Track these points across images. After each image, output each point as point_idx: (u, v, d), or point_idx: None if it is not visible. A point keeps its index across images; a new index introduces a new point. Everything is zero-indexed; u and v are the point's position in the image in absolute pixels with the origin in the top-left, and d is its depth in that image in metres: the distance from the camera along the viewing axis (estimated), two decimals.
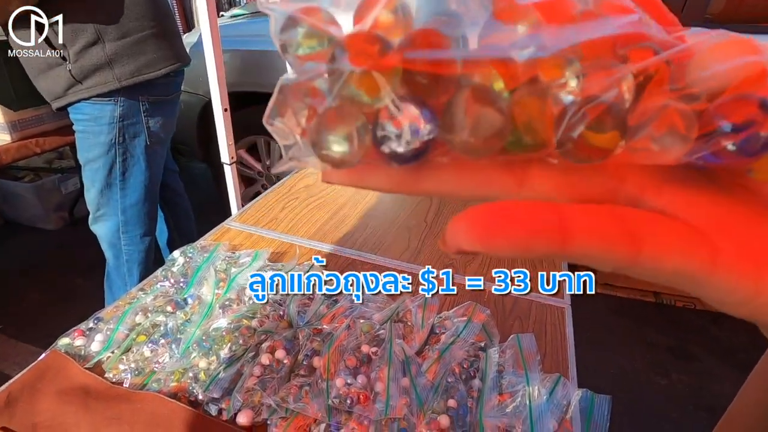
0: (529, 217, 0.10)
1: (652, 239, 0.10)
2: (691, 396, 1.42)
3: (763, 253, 0.10)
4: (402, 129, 0.10)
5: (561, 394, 0.51)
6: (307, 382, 0.50)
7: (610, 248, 0.10)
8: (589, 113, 0.10)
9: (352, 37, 0.10)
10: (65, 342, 0.55)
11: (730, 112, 0.10)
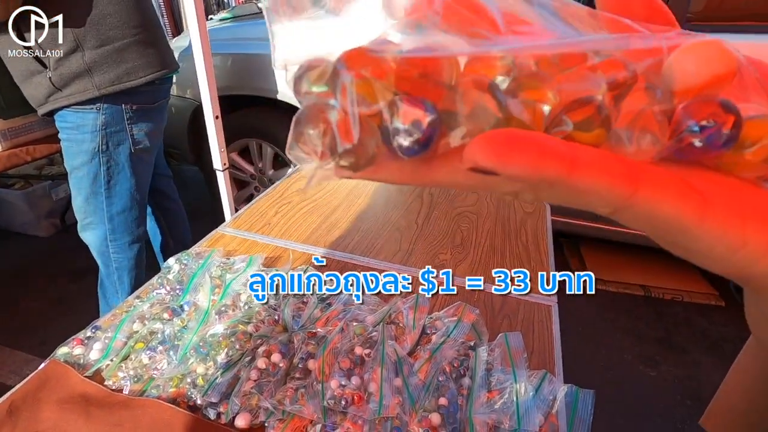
0: (544, 142, 0.10)
1: (650, 181, 0.11)
2: (678, 386, 1.46)
3: (749, 208, 0.11)
4: (406, 124, 0.11)
5: (547, 389, 0.53)
6: (303, 385, 0.51)
7: (610, 183, 0.11)
8: (577, 114, 0.11)
9: (348, 53, 0.12)
10: (64, 351, 0.56)
11: (696, 113, 0.11)
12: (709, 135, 0.11)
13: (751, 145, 0.11)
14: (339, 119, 0.12)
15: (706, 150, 0.11)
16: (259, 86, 1.89)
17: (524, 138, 0.10)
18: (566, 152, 0.10)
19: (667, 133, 0.11)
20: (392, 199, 1.03)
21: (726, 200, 0.11)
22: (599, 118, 0.11)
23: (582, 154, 0.11)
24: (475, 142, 0.11)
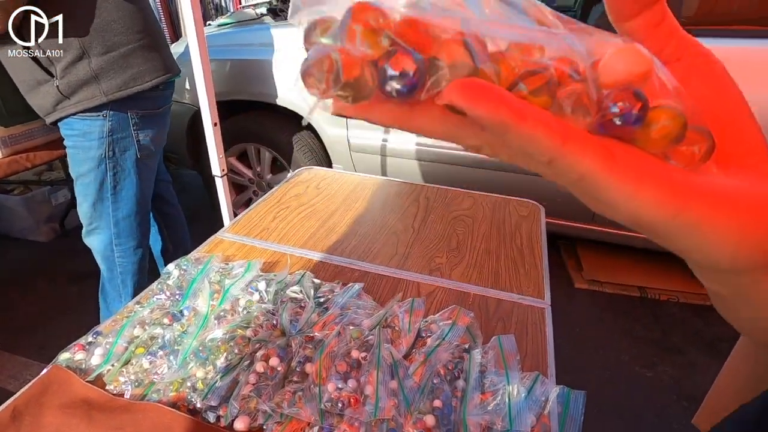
0: (503, 94, 0.13)
1: (576, 138, 0.14)
2: (675, 387, 1.47)
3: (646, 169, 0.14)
4: (397, 70, 0.14)
5: (539, 391, 0.54)
6: (300, 388, 0.53)
7: (548, 133, 0.13)
8: (531, 82, 0.14)
9: (356, 6, 0.14)
10: (66, 357, 0.57)
11: (616, 98, 0.14)
12: (624, 114, 0.14)
13: (655, 125, 0.14)
14: (343, 58, 0.14)
15: (622, 125, 0.14)
16: (257, 91, 1.91)
17: (489, 88, 0.13)
18: (518, 104, 0.13)
19: (595, 110, 0.14)
20: (389, 203, 1.04)
21: (630, 162, 0.14)
22: (547, 88, 0.14)
23: (529, 108, 0.14)
24: (452, 85, 0.13)
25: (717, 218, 0.15)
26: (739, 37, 1.43)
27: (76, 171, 1.17)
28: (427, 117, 0.16)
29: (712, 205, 0.15)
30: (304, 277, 0.71)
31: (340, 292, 0.69)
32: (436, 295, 0.73)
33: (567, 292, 1.90)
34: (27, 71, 1.04)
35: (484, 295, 0.73)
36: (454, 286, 0.75)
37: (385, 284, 0.75)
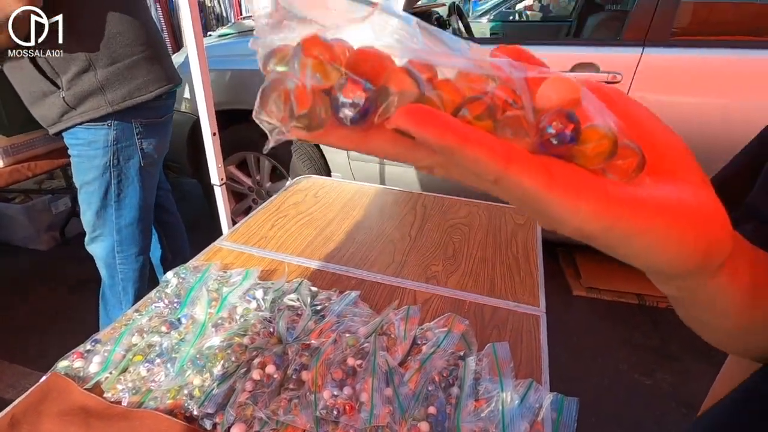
0: (448, 119, 0.15)
1: (519, 159, 0.15)
2: (673, 394, 1.47)
3: (584, 185, 0.16)
4: (349, 98, 0.15)
5: (533, 398, 0.55)
6: (296, 395, 0.53)
7: (491, 155, 0.15)
8: (474, 108, 0.15)
9: (306, 40, 0.15)
10: (64, 364, 0.58)
11: (551, 120, 0.15)
12: (559, 134, 0.15)
13: (589, 143, 0.16)
14: (297, 90, 0.15)
15: (558, 144, 0.16)
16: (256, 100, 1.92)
17: (434, 114, 0.14)
18: (462, 128, 0.15)
19: (533, 132, 0.16)
20: (386, 211, 1.05)
21: (567, 178, 0.15)
22: (489, 112, 0.16)
23: (473, 131, 0.15)
24: (400, 111, 0.15)
25: (651, 226, 0.16)
26: (733, 48, 1.45)
27: (80, 179, 1.18)
28: (380, 140, 0.17)
29: (646, 214, 0.16)
30: (301, 285, 0.72)
31: (336, 300, 0.70)
32: (432, 302, 0.74)
33: (565, 299, 1.90)
34: (33, 83, 1.05)
35: (479, 302, 0.74)
36: (449, 293, 0.76)
37: (382, 292, 0.76)
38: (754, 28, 1.55)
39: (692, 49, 1.44)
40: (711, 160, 0.51)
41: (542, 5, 5.03)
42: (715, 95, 1.45)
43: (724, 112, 1.43)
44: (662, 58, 1.45)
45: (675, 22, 1.46)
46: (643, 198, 0.16)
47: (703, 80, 1.45)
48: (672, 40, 1.47)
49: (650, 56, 1.44)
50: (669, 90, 1.47)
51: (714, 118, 1.43)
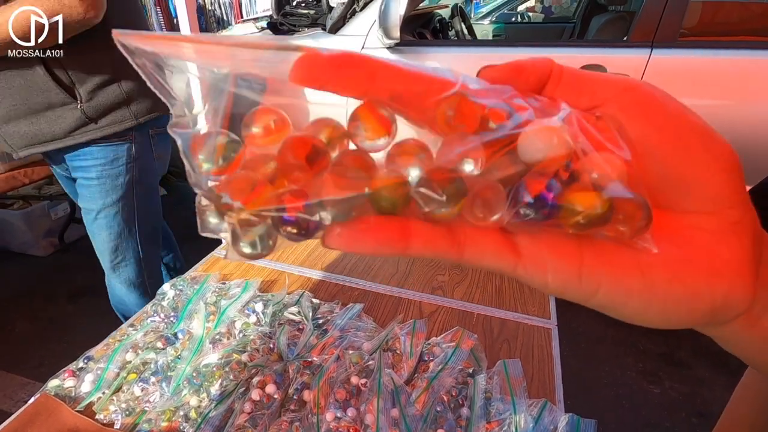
0: (381, 230, 0.14)
1: (472, 246, 0.15)
2: (684, 403, 1.43)
3: (552, 258, 0.15)
4: (290, 232, 0.13)
5: (548, 419, 0.52)
6: (298, 417, 0.50)
7: (438, 252, 0.14)
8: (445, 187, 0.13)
9: (228, 184, 0.13)
10: (55, 384, 0.55)
11: (528, 188, 0.13)
12: (535, 206, 0.13)
13: (573, 212, 0.13)
14: (237, 226, 0.13)
15: (535, 218, 0.14)
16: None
17: (365, 229, 0.14)
18: (400, 235, 0.14)
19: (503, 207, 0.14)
20: None
21: (536, 255, 0.15)
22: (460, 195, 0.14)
23: (415, 233, 0.14)
24: (328, 234, 0.14)
25: (629, 300, 0.15)
26: (738, 48, 1.42)
27: (98, 203, 1.06)
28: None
29: (625, 287, 0.15)
30: (302, 298, 0.69)
31: (339, 313, 0.67)
32: (438, 314, 0.71)
33: (571, 307, 1.86)
34: (40, 92, 0.93)
35: (487, 314, 0.71)
36: (456, 305, 0.73)
37: (386, 304, 0.73)
38: (764, 28, 1.52)
39: (702, 50, 1.42)
40: None
41: (544, 6, 5.01)
42: (726, 97, 1.42)
43: (736, 113, 1.40)
44: (671, 59, 1.42)
45: (684, 22, 1.43)
46: (626, 267, 0.15)
47: (714, 81, 1.42)
48: (681, 41, 1.44)
49: (659, 58, 1.41)
50: (679, 92, 1.43)
51: (725, 119, 1.40)
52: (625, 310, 0.15)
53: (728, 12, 1.59)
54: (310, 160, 0.13)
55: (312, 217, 0.13)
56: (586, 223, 0.13)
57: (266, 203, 0.13)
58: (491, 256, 0.15)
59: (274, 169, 0.14)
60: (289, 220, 0.13)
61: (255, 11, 4.68)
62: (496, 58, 1.66)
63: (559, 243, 0.15)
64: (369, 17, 1.72)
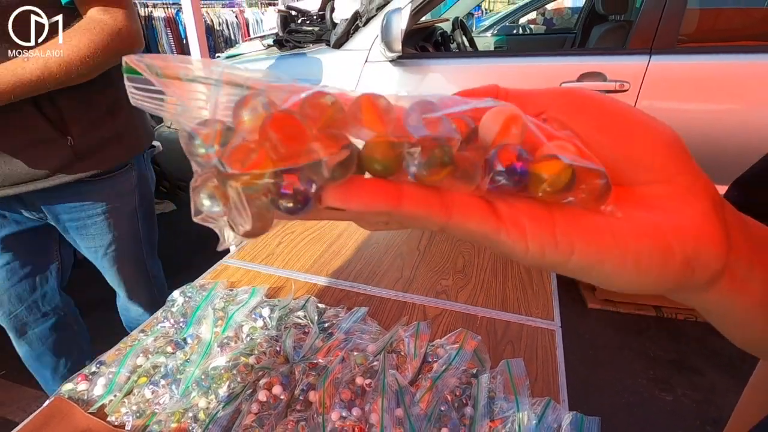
0: (376, 187, 0.15)
1: (459, 209, 0.15)
2: (697, 411, 1.41)
3: (531, 223, 0.16)
4: (287, 203, 0.14)
5: (551, 417, 0.52)
6: (303, 417, 0.51)
7: (429, 211, 0.15)
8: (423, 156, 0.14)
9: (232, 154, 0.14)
10: (69, 387, 0.57)
11: (499, 158, 0.15)
12: (507, 172, 0.15)
13: (542, 178, 0.15)
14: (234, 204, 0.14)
15: (508, 184, 0.15)
16: None
17: (360, 185, 0.15)
18: (394, 192, 0.15)
19: (480, 174, 0.15)
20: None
21: (514, 218, 0.16)
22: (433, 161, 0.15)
23: (407, 192, 0.15)
24: (327, 191, 0.15)
25: (605, 257, 0.16)
26: (740, 53, 1.43)
27: (106, 239, 1.01)
28: (328, 213, 0.17)
29: (598, 245, 0.16)
30: (308, 303, 0.71)
31: (344, 317, 0.68)
32: (442, 318, 0.72)
33: (580, 312, 1.85)
34: (24, 131, 0.82)
35: (491, 317, 0.72)
36: (460, 308, 0.74)
37: (391, 308, 0.74)
38: (760, 33, 1.53)
39: (699, 55, 1.43)
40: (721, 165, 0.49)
41: (546, 19, 5.08)
42: (723, 101, 1.43)
43: (733, 117, 1.40)
44: (670, 65, 1.44)
45: (681, 29, 1.45)
46: (596, 227, 0.16)
47: (712, 86, 1.43)
48: (679, 47, 1.46)
49: (657, 64, 1.42)
50: (678, 97, 1.45)
51: (723, 123, 1.41)
52: (602, 269, 0.16)
53: (724, 18, 1.61)
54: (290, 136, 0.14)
55: (307, 186, 0.14)
56: (552, 189, 0.15)
57: (264, 168, 0.14)
58: (477, 220, 0.16)
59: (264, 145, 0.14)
60: (286, 193, 0.14)
61: (262, 30, 4.80)
62: (498, 68, 1.69)
63: (533, 209, 0.16)
64: (371, 32, 1.76)
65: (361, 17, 1.84)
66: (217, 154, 0.14)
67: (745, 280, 0.18)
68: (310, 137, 0.14)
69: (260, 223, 0.15)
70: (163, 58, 0.15)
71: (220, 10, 4.75)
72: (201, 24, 1.26)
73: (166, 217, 2.79)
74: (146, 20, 4.13)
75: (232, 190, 0.14)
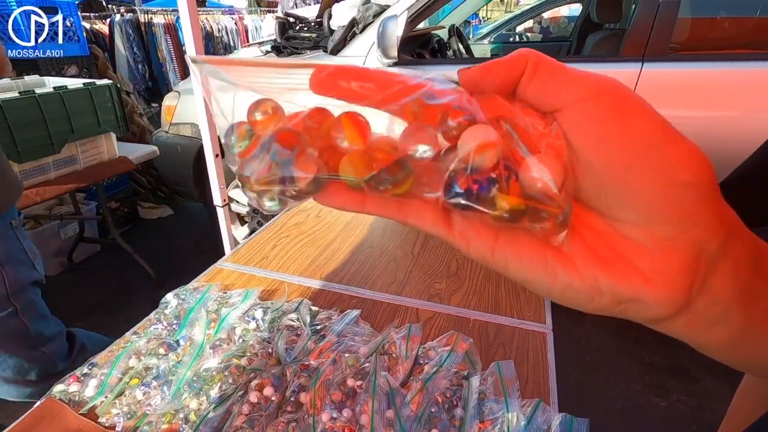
0: (347, 194, 0.18)
1: (414, 215, 0.19)
2: (692, 417, 1.41)
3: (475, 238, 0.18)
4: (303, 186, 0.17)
5: (541, 418, 0.52)
6: (294, 418, 0.51)
7: (388, 214, 0.19)
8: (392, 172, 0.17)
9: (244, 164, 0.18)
10: (60, 389, 0.57)
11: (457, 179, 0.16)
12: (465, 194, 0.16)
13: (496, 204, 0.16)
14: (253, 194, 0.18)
15: (463, 205, 0.16)
16: None
17: (337, 192, 0.18)
18: (360, 198, 0.18)
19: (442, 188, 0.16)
20: (389, 229, 1.04)
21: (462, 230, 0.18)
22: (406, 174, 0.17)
23: (369, 198, 0.18)
24: (317, 196, 0.18)
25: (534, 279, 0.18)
26: (729, 60, 1.45)
27: None
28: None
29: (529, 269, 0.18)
30: (301, 305, 0.71)
31: (337, 320, 0.68)
32: (435, 321, 0.72)
33: (575, 318, 1.86)
34: None
35: (483, 320, 0.72)
36: (453, 311, 0.74)
37: (384, 311, 0.74)
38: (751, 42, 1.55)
39: (690, 63, 1.46)
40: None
41: (542, 27, 5.13)
42: (714, 108, 1.45)
43: (724, 123, 1.42)
44: (661, 72, 1.46)
45: (673, 37, 1.47)
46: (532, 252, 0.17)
47: (703, 93, 1.45)
48: (670, 54, 1.48)
49: (649, 71, 1.44)
50: (669, 103, 1.47)
51: (714, 129, 1.43)
52: (532, 287, 0.18)
53: (716, 27, 1.63)
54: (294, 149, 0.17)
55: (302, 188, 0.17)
56: (503, 218, 0.16)
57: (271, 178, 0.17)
58: (429, 225, 0.19)
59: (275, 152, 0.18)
60: (286, 189, 0.18)
61: (260, 36, 4.83)
62: None
63: (482, 225, 0.18)
64: (368, 39, 1.78)
65: (358, 24, 1.86)
66: (239, 156, 0.18)
67: (714, 322, 0.17)
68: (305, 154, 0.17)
69: (277, 205, 0.18)
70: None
71: (219, 17, 4.79)
72: (198, 29, 1.27)
73: (163, 221, 2.79)
74: (146, 26, 4.16)
75: (247, 189, 0.18)
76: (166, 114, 2.18)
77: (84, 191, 2.27)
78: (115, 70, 3.48)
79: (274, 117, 0.18)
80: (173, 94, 2.18)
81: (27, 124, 1.27)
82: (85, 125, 1.57)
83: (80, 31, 2.27)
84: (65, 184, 1.49)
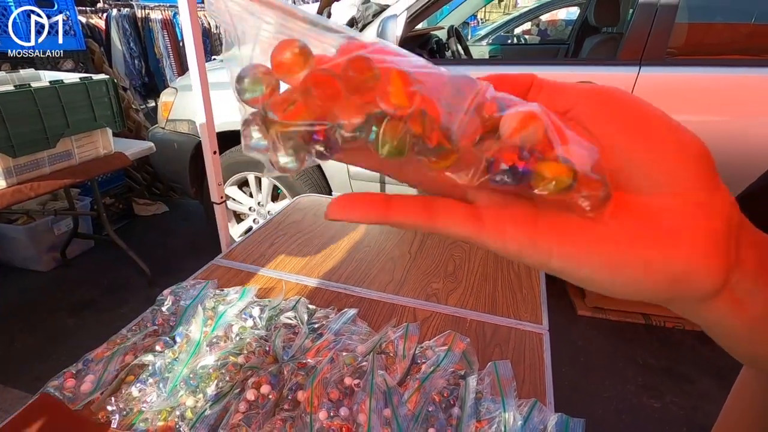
0: (367, 200, 0.17)
1: (442, 215, 0.17)
2: (685, 418, 1.42)
3: (512, 227, 0.17)
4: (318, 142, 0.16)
5: (537, 418, 0.53)
6: (291, 416, 0.51)
7: (414, 219, 0.17)
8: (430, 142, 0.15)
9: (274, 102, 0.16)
10: (56, 384, 0.56)
11: (503, 157, 0.15)
12: (510, 172, 0.15)
13: (540, 180, 0.15)
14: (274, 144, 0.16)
15: (510, 183, 0.15)
16: None
17: (356, 199, 0.17)
18: (384, 204, 0.17)
19: (483, 170, 0.16)
20: (387, 229, 1.04)
21: (496, 223, 0.17)
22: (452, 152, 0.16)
23: (395, 203, 0.17)
24: (329, 206, 0.17)
25: (583, 263, 0.16)
26: (726, 66, 1.47)
27: None
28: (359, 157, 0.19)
29: (577, 253, 0.16)
30: (298, 303, 0.71)
31: (334, 318, 0.68)
32: (432, 320, 0.72)
33: (570, 319, 1.86)
34: None
35: (480, 320, 0.72)
36: (450, 311, 0.75)
37: (381, 310, 0.74)
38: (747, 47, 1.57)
39: (687, 68, 1.47)
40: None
41: (540, 30, 5.15)
42: (710, 112, 1.47)
43: (720, 127, 1.44)
44: (658, 76, 1.47)
45: (670, 42, 1.48)
46: (577, 234, 0.16)
47: (699, 97, 1.46)
48: (667, 59, 1.49)
49: (647, 75, 1.45)
50: (666, 107, 1.46)
51: (710, 133, 1.44)
52: (579, 274, 0.17)
53: (713, 32, 1.65)
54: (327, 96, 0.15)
55: (334, 138, 0.16)
56: (550, 190, 0.15)
57: (300, 118, 0.15)
58: (460, 224, 0.17)
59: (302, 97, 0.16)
60: (317, 139, 0.16)
61: None
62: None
63: (517, 214, 0.17)
64: (367, 38, 1.78)
65: (358, 23, 1.86)
66: (262, 99, 0.16)
67: (745, 297, 0.17)
68: (344, 100, 0.15)
69: (294, 161, 0.17)
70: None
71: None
72: (197, 26, 1.27)
73: (158, 218, 2.77)
74: (143, 22, 4.13)
75: (273, 132, 0.16)
76: (162, 110, 2.17)
77: (79, 187, 2.25)
78: (111, 65, 3.46)
79: (305, 58, 0.16)
80: (170, 90, 2.17)
81: (22, 118, 1.26)
82: (81, 120, 1.56)
83: (77, 26, 2.25)
84: (60, 179, 1.48)
